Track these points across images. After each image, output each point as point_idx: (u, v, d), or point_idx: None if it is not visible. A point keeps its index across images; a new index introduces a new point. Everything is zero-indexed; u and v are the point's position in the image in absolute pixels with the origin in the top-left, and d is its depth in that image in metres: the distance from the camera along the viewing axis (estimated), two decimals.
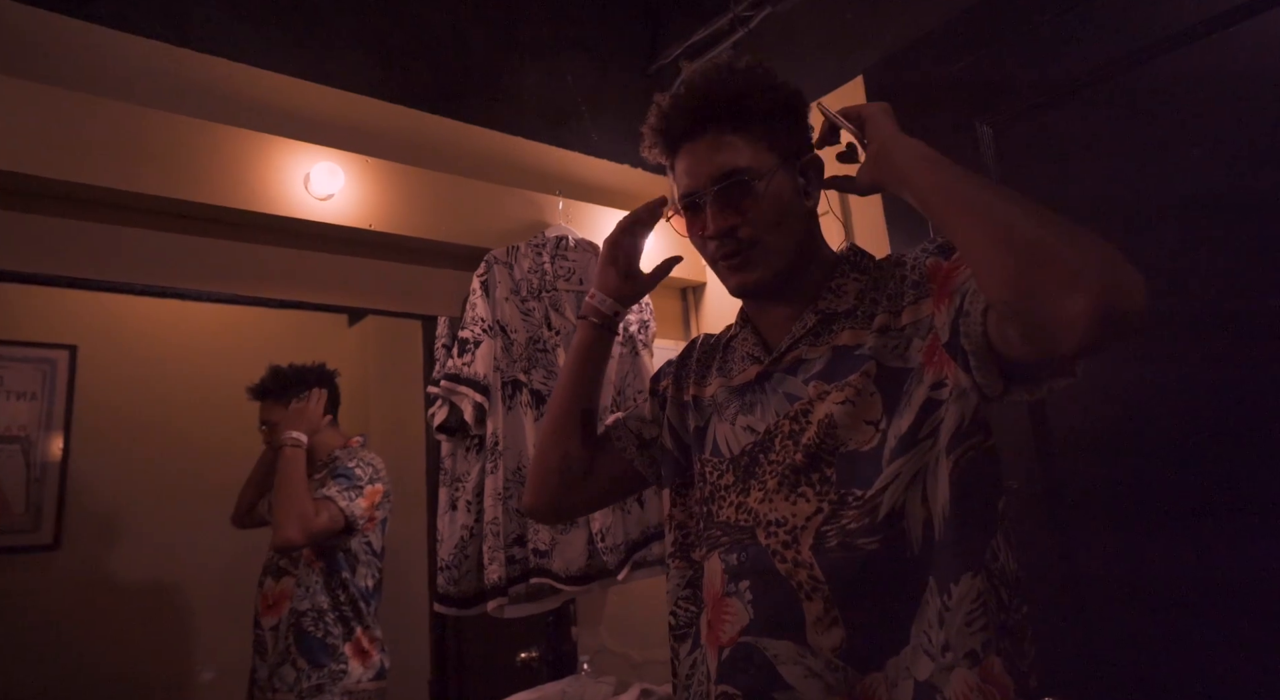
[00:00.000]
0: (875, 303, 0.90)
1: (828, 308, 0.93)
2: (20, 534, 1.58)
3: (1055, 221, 0.69)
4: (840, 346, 0.89)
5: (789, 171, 0.94)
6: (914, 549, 0.81)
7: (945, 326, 0.80)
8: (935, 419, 0.81)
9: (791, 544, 0.85)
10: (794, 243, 0.94)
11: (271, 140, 1.51)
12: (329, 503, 1.65)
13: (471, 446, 1.63)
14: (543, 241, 1.77)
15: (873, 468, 0.83)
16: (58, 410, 1.64)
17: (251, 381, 1.77)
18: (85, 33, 1.44)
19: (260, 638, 1.66)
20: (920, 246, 0.90)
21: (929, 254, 0.87)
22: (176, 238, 1.46)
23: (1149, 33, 1.27)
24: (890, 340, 0.86)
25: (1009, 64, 1.46)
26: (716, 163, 0.92)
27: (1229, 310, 1.17)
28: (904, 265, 0.90)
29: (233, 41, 1.61)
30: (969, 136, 1.50)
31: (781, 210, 0.93)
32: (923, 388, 0.82)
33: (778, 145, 0.94)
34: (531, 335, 1.71)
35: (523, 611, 1.60)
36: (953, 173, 0.79)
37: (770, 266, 0.93)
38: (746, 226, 0.92)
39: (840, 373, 0.87)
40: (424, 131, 1.84)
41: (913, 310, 0.85)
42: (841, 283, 0.94)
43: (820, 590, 0.83)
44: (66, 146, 1.31)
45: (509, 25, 2.08)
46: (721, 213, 0.93)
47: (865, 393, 0.84)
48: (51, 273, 1.36)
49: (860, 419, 0.84)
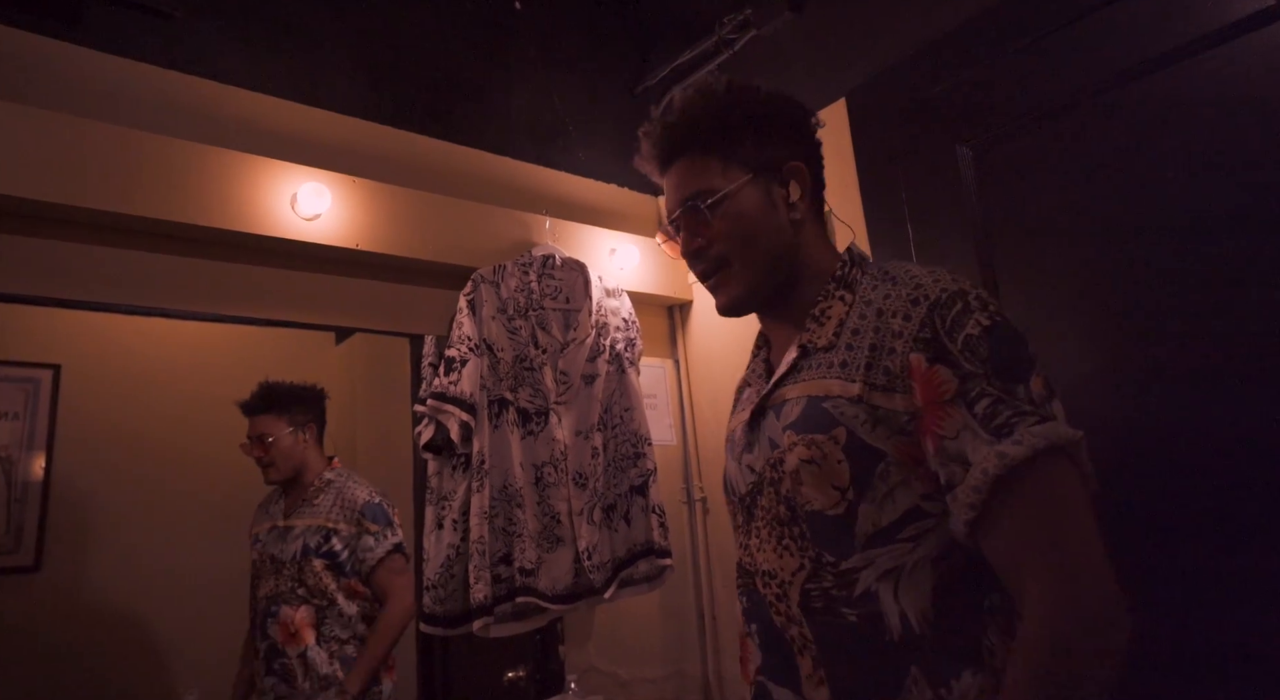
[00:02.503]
0: (852, 350, 0.85)
1: (809, 341, 0.90)
2: (1, 555, 1.56)
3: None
4: (814, 398, 0.85)
5: (760, 185, 0.93)
6: (893, 635, 0.79)
7: (930, 463, 0.79)
8: (922, 526, 0.80)
9: (783, 597, 0.86)
10: (770, 257, 0.93)
11: (258, 161, 1.52)
12: (396, 556, 1.70)
13: (458, 465, 1.63)
14: (529, 260, 1.78)
15: (842, 538, 0.82)
16: (40, 430, 1.62)
17: (238, 399, 1.77)
18: (73, 55, 1.45)
19: (287, 666, 1.64)
20: (909, 295, 0.83)
21: (915, 342, 0.80)
22: (163, 258, 1.46)
23: (1129, 55, 1.29)
24: (861, 412, 0.81)
25: (990, 87, 1.48)
26: (685, 187, 0.94)
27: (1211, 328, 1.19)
28: (890, 329, 0.82)
29: (220, 63, 1.62)
30: (950, 159, 1.52)
31: (750, 226, 0.92)
32: (910, 491, 0.80)
33: (748, 161, 0.93)
34: (518, 354, 1.71)
35: (509, 631, 1.59)
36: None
37: (745, 283, 0.93)
38: (716, 245, 0.93)
39: (811, 427, 0.84)
40: (411, 151, 1.85)
41: (886, 398, 0.81)
42: (826, 306, 0.91)
43: (809, 649, 0.83)
44: (53, 168, 1.31)
45: (496, 45, 2.10)
46: (689, 235, 0.95)
47: (832, 458, 0.82)
48: (38, 294, 1.36)
49: (826, 482, 0.82)
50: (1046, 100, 1.40)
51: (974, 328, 0.78)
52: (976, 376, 0.76)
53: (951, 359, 0.77)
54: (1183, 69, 1.24)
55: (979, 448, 0.74)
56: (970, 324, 0.79)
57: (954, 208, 1.52)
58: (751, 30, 1.97)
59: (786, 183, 0.94)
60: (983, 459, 0.73)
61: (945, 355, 0.78)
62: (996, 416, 0.74)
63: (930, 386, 0.78)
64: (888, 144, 1.66)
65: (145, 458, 1.70)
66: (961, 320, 0.79)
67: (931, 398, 0.77)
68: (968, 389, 0.76)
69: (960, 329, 0.79)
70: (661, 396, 2.12)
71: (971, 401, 0.76)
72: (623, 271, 2.00)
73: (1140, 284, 1.27)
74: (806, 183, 0.95)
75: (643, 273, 2.06)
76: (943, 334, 0.79)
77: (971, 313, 0.79)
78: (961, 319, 0.79)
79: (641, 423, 1.84)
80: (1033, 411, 0.75)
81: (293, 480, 1.79)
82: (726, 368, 2.05)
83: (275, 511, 1.78)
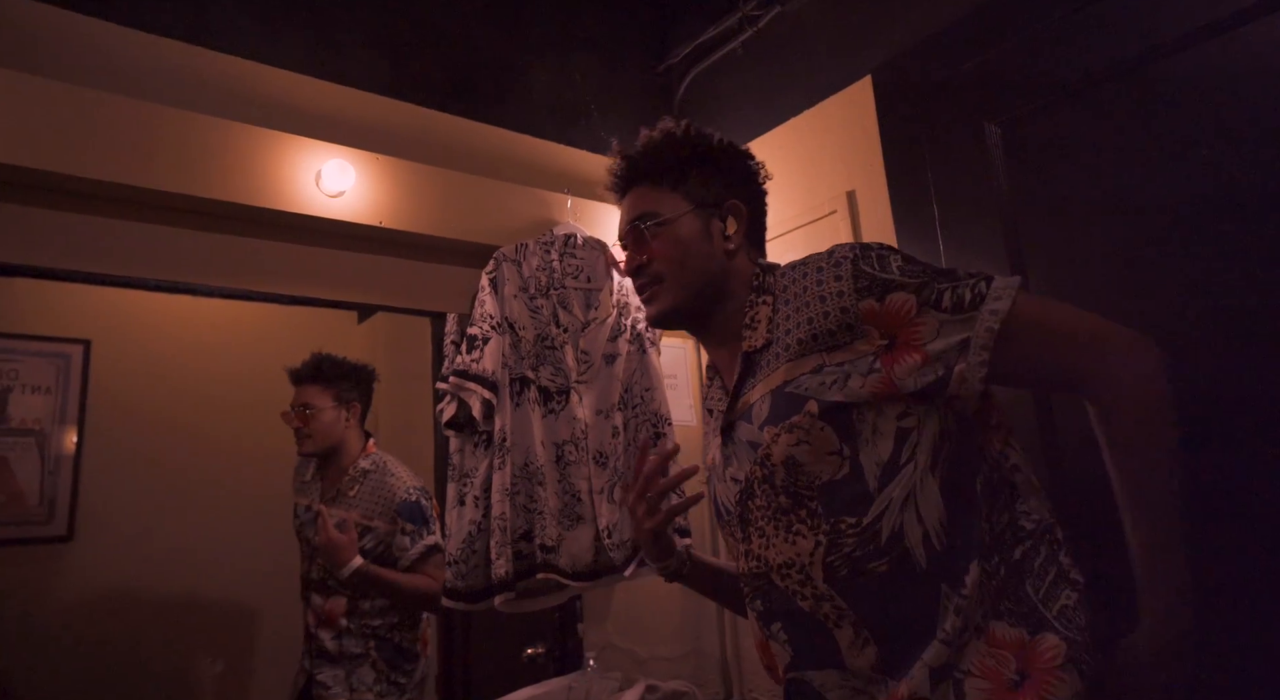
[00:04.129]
0: (790, 333, 0.93)
1: (749, 347, 0.99)
2: (35, 526, 1.60)
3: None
4: (776, 389, 0.93)
5: (700, 216, 1.05)
6: (921, 564, 0.86)
7: (909, 380, 0.86)
8: (911, 444, 0.87)
9: (806, 581, 0.90)
10: (699, 279, 1.04)
11: (283, 137, 1.53)
12: (436, 557, 1.69)
13: (479, 442, 1.64)
14: (551, 239, 1.78)
15: (858, 495, 0.88)
16: (72, 404, 1.66)
17: (264, 376, 1.79)
18: (101, 30, 1.46)
19: (322, 648, 1.66)
20: (828, 262, 0.92)
21: (857, 293, 0.89)
22: (189, 233, 1.48)
23: (1159, 32, 1.26)
24: (826, 377, 0.89)
25: (1017, 64, 1.46)
26: (634, 209, 1.08)
27: (1242, 308, 1.17)
28: (822, 296, 0.91)
29: (246, 39, 1.62)
30: (977, 137, 1.50)
31: (685, 249, 1.04)
32: (887, 420, 0.88)
33: (692, 195, 1.06)
34: (539, 332, 1.72)
35: (529, 607, 1.61)
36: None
37: (673, 298, 1.04)
38: (654, 263, 1.05)
39: (783, 414, 0.91)
40: (434, 129, 1.85)
41: (847, 352, 0.89)
42: (754, 314, 1.00)
43: (847, 617, 0.88)
44: (81, 143, 1.33)
45: (519, 24, 2.09)
46: (632, 251, 1.08)
47: (815, 429, 0.89)
48: (66, 268, 1.37)
49: (823, 452, 0.89)
50: (1076, 77, 1.37)
51: (894, 259, 0.90)
52: (925, 285, 0.88)
53: (898, 284, 0.88)
54: (1216, 44, 1.21)
55: (966, 325, 0.86)
56: (890, 258, 0.90)
57: (981, 187, 1.49)
58: (776, 7, 1.95)
59: (725, 217, 1.06)
60: (981, 320, 0.85)
61: (891, 285, 0.88)
62: (963, 298, 0.87)
63: (892, 316, 0.87)
64: (914, 122, 1.64)
65: (173, 432, 1.73)
66: (883, 260, 0.90)
67: (898, 322, 0.87)
68: (925, 296, 0.87)
69: (888, 262, 0.90)
70: (682, 377, 2.12)
71: (935, 302, 0.87)
72: None
73: (1170, 263, 1.25)
74: (743, 219, 1.07)
75: None
76: (878, 273, 0.89)
77: (883, 252, 0.91)
78: (882, 259, 0.90)
79: (662, 403, 1.84)
80: (983, 277, 0.88)
81: (329, 460, 1.79)
82: None
83: (312, 489, 1.78)
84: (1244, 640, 1.11)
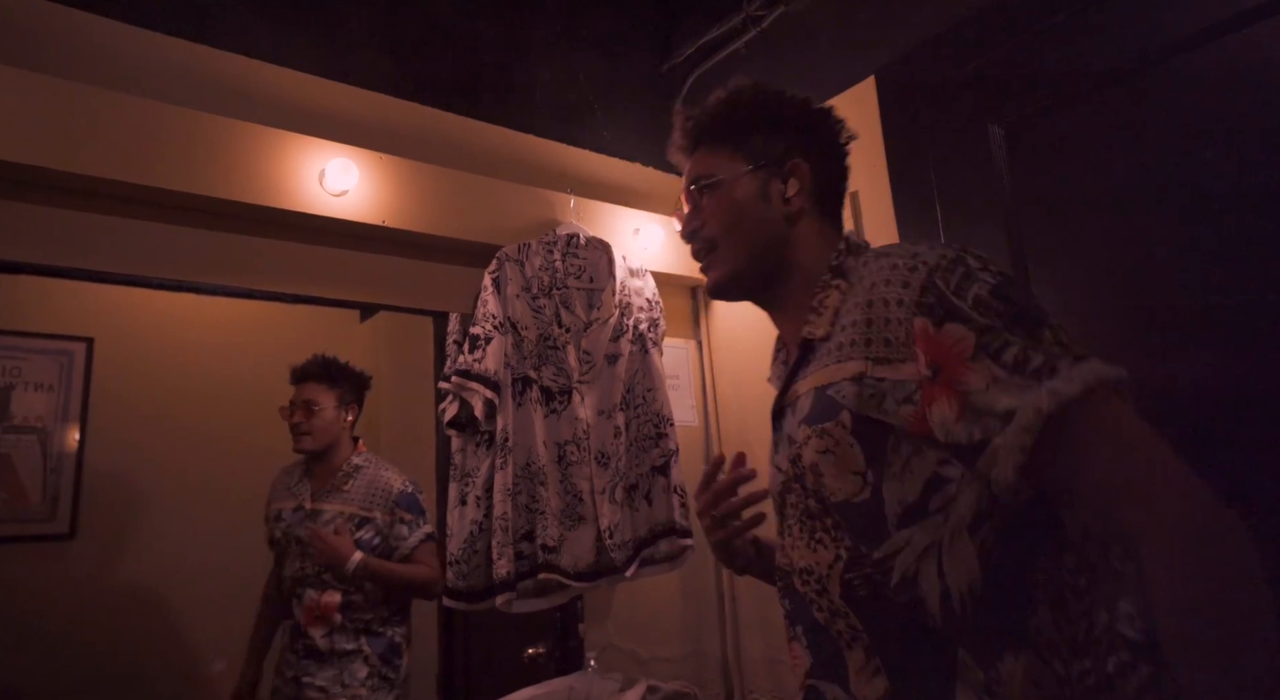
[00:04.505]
0: (845, 331, 0.84)
1: (810, 334, 0.90)
2: (37, 523, 1.60)
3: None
4: (820, 388, 0.85)
5: (757, 177, 0.97)
6: (935, 620, 0.76)
7: (941, 429, 0.74)
8: (945, 495, 0.76)
9: (823, 592, 0.84)
10: (752, 245, 0.97)
11: (287, 136, 1.53)
12: (428, 543, 1.74)
13: (481, 442, 1.64)
14: (554, 239, 1.78)
15: (873, 525, 0.80)
16: (74, 402, 1.66)
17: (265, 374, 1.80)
18: (106, 29, 1.46)
19: (312, 646, 1.67)
20: (905, 263, 0.80)
21: (916, 306, 0.77)
22: (193, 232, 1.48)
23: (1161, 34, 1.26)
24: (865, 389, 0.79)
25: (1020, 65, 1.45)
26: (694, 171, 1.03)
27: (1245, 309, 1.16)
28: (885, 299, 0.80)
29: (251, 38, 1.62)
30: (981, 138, 1.49)
31: (739, 213, 0.97)
32: (925, 461, 0.77)
33: (752, 154, 0.98)
34: (542, 332, 1.72)
35: (530, 607, 1.61)
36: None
37: (727, 267, 0.98)
38: (707, 227, 0.99)
39: (821, 417, 0.83)
40: (438, 129, 1.85)
41: (890, 369, 0.78)
42: (823, 297, 0.90)
43: (860, 640, 0.81)
44: (85, 140, 1.33)
45: (523, 23, 2.09)
46: (688, 215, 1.02)
47: (844, 443, 0.80)
48: (70, 266, 1.37)
49: (845, 469, 0.81)
50: (1080, 79, 1.37)
51: (981, 287, 0.76)
52: (994, 329, 0.73)
53: (964, 315, 0.74)
54: (1217, 46, 1.21)
55: (1020, 393, 0.69)
56: (976, 284, 0.76)
57: (984, 188, 1.49)
58: (780, 7, 1.95)
59: (786, 178, 0.97)
60: (1032, 400, 0.68)
61: (956, 314, 0.74)
62: (1029, 361, 0.70)
63: (942, 348, 0.74)
64: (917, 122, 1.63)
65: (175, 430, 1.73)
66: (966, 282, 0.76)
67: (946, 358, 0.73)
68: (988, 342, 0.72)
69: (968, 288, 0.76)
70: (684, 377, 2.12)
71: (995, 353, 0.72)
72: (646, 251, 2.00)
73: (1172, 263, 1.24)
74: (807, 181, 0.97)
75: (666, 253, 2.05)
76: (949, 295, 0.75)
77: (975, 274, 0.77)
78: (966, 281, 0.76)
79: (664, 403, 1.84)
80: (1068, 351, 0.71)
81: (320, 460, 1.80)
82: (749, 349, 2.05)
83: (300, 491, 1.78)
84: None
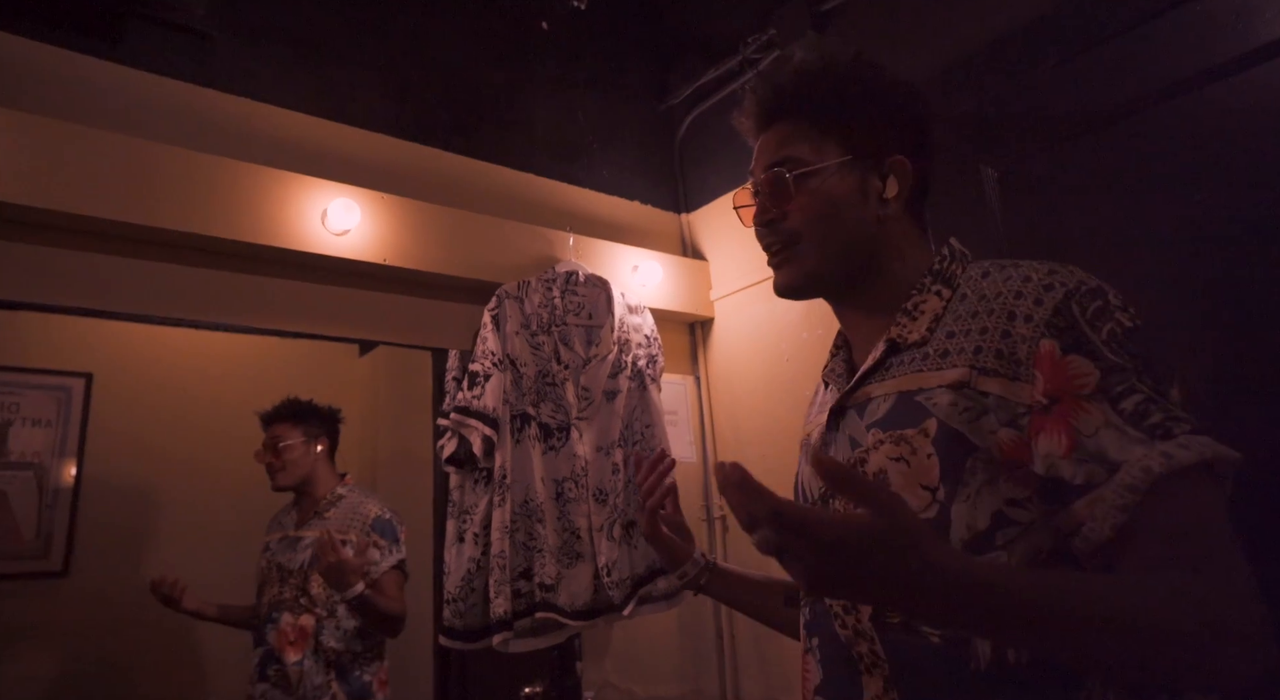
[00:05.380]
0: (953, 338, 0.78)
1: (899, 336, 0.83)
2: (30, 560, 1.59)
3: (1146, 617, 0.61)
4: (905, 393, 0.78)
5: (857, 170, 0.86)
6: (980, 663, 0.70)
7: (1044, 461, 0.69)
8: (1008, 535, 0.71)
9: (851, 609, 0.78)
10: (843, 245, 0.86)
11: (290, 177, 1.55)
12: (396, 573, 1.77)
13: (480, 479, 1.64)
14: (553, 276, 1.80)
15: None
16: (72, 437, 1.66)
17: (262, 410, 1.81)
18: (113, 73, 1.49)
19: (283, 672, 1.67)
20: (1041, 280, 0.74)
21: (1046, 326, 0.71)
22: (196, 271, 1.49)
23: (1151, 79, 1.29)
24: (963, 400, 0.73)
25: (1014, 107, 1.49)
26: (778, 151, 0.89)
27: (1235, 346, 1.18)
28: (1012, 312, 0.74)
29: (255, 81, 1.65)
30: (974, 178, 1.52)
31: (833, 206, 0.85)
32: (995, 494, 0.71)
33: (853, 142, 0.87)
34: (541, 369, 1.72)
35: (528, 646, 1.60)
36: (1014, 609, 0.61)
37: (810, 267, 0.87)
38: (790, 219, 0.87)
39: (899, 422, 0.77)
40: (439, 168, 1.88)
41: (1001, 384, 0.72)
42: (920, 301, 0.83)
43: (880, 668, 0.75)
44: (88, 182, 1.34)
45: (522, 64, 2.13)
46: (766, 202, 0.89)
47: (922, 453, 0.74)
48: (72, 304, 1.38)
49: (915, 481, 0.74)
50: (1070, 122, 1.40)
51: (1117, 326, 0.70)
52: (1123, 370, 0.68)
53: (1092, 349, 0.69)
54: (1207, 91, 1.24)
55: (1129, 447, 0.65)
56: (1113, 321, 0.71)
57: (977, 227, 1.51)
58: (775, 50, 1.98)
59: (885, 176, 0.87)
60: (1142, 457, 0.64)
61: (1084, 345, 0.69)
62: (1149, 416, 0.66)
63: (1064, 378, 0.69)
64: None
65: (173, 466, 1.74)
66: (1104, 314, 0.71)
67: (1065, 389, 0.69)
68: (1111, 384, 0.68)
69: (1104, 322, 0.70)
70: (682, 413, 2.12)
71: (1116, 397, 0.67)
72: (645, 288, 2.01)
73: (1163, 302, 1.26)
74: (907, 180, 0.87)
75: (665, 289, 2.07)
76: (1083, 323, 0.70)
77: (1114, 309, 0.72)
78: (1104, 313, 0.71)
79: (662, 439, 1.84)
80: (1188, 419, 0.67)
81: (303, 492, 1.85)
82: (747, 385, 2.05)
83: (287, 522, 1.83)
84: None
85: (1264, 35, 1.17)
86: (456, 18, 2.03)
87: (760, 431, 2.00)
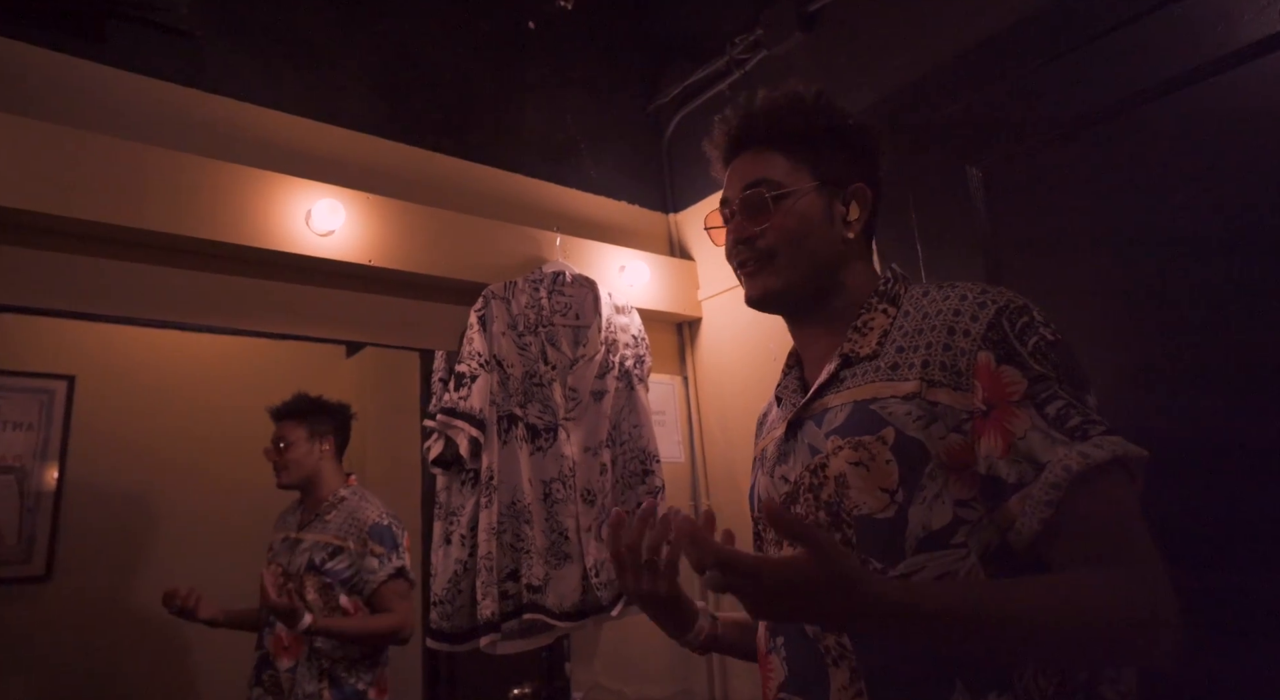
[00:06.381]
0: (901, 352, 0.86)
1: (851, 350, 0.90)
2: (11, 565, 1.57)
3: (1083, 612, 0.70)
4: (861, 402, 0.85)
5: (824, 195, 0.96)
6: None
7: (984, 462, 0.78)
8: (965, 532, 0.78)
9: None
10: (813, 263, 0.94)
11: (274, 177, 1.54)
12: (396, 582, 1.72)
13: (466, 480, 1.63)
14: (540, 277, 1.79)
15: (891, 543, 0.80)
16: (54, 440, 1.64)
17: (250, 411, 1.80)
18: (93, 73, 1.47)
19: (276, 679, 1.65)
20: (975, 298, 0.84)
21: (982, 340, 0.80)
22: (178, 272, 1.48)
23: (1135, 80, 1.30)
24: (915, 409, 0.81)
25: (999, 109, 1.49)
26: (752, 173, 0.97)
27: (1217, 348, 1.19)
28: (952, 328, 0.83)
29: (239, 81, 1.64)
30: (959, 179, 1.53)
31: (805, 228, 0.94)
32: (947, 499, 0.79)
33: (820, 170, 0.96)
34: (528, 370, 1.72)
35: (516, 647, 1.59)
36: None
37: (782, 279, 0.95)
38: (765, 236, 0.95)
39: (857, 429, 0.84)
40: (425, 168, 1.87)
41: (947, 394, 0.81)
42: (869, 318, 0.92)
43: (847, 659, 0.81)
44: (73, 183, 1.33)
45: (510, 64, 2.13)
46: (744, 220, 0.97)
47: (880, 459, 0.81)
48: (54, 306, 1.37)
49: (874, 485, 0.81)
50: (1055, 123, 1.41)
51: (1043, 339, 0.80)
52: (1046, 379, 0.77)
53: (1021, 360, 0.78)
54: (1191, 91, 1.25)
55: (1052, 448, 0.74)
56: (1039, 334, 0.81)
57: (963, 228, 1.52)
58: (763, 51, 1.99)
59: (848, 201, 0.97)
60: (1063, 457, 0.73)
61: (1014, 357, 0.79)
62: (1069, 419, 0.75)
63: (998, 386, 0.78)
64: (897, 164, 1.66)
65: (157, 469, 1.72)
66: (1030, 329, 0.81)
67: (1000, 397, 0.78)
68: (1037, 391, 0.77)
69: (1029, 336, 0.80)
70: (670, 413, 2.13)
71: (1041, 403, 0.76)
72: (632, 288, 2.01)
73: (1148, 304, 1.27)
74: (867, 206, 0.98)
75: (652, 290, 2.07)
76: (1012, 337, 0.80)
77: (1038, 325, 0.81)
78: (1030, 328, 0.81)
79: (650, 440, 1.84)
80: (1102, 421, 0.76)
81: (308, 492, 1.82)
82: (735, 385, 2.06)
83: (291, 522, 1.81)
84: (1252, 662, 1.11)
85: (1245, 37, 1.18)
86: (442, 17, 2.02)
87: (748, 431, 1.99)
